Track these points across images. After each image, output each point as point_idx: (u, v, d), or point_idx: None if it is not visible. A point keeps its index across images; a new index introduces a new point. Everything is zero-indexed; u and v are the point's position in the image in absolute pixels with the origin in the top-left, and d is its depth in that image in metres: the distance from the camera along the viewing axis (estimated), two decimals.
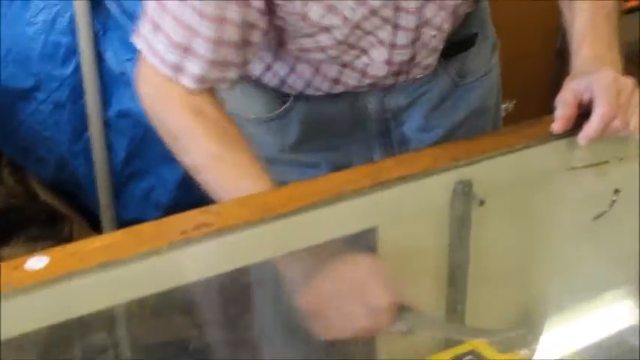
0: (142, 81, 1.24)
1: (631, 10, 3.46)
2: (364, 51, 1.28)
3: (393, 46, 1.28)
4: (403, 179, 1.17)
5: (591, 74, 1.25)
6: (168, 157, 2.31)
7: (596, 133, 1.20)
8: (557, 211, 1.29)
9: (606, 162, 1.27)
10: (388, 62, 1.30)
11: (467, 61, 1.43)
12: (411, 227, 1.20)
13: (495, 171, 1.22)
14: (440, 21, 1.29)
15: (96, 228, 2.54)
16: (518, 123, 1.30)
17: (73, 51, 2.37)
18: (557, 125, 1.21)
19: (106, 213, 2.49)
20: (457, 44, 1.40)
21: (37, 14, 2.38)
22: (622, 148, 1.28)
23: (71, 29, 2.36)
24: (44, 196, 2.56)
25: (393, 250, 1.19)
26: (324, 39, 1.25)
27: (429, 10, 1.25)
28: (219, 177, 1.20)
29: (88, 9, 2.32)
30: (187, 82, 1.19)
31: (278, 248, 1.12)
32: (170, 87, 1.21)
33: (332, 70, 1.32)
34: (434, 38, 1.30)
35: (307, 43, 1.26)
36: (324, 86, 1.34)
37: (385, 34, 1.26)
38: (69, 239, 2.56)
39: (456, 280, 1.23)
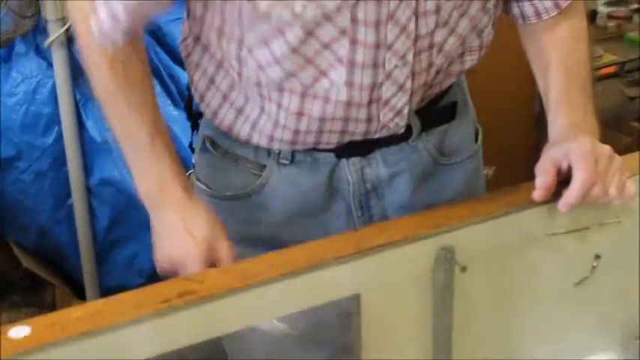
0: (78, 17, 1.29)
1: (606, 77, 3.51)
2: (323, 73, 1.25)
3: (351, 64, 1.24)
4: (385, 246, 1.17)
5: (569, 142, 1.26)
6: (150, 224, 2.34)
7: (576, 201, 1.21)
8: (538, 276, 1.29)
9: (586, 228, 1.28)
10: (349, 84, 1.25)
11: (448, 136, 1.41)
12: (394, 294, 1.20)
13: (477, 237, 1.22)
14: (403, 49, 1.24)
15: (79, 295, 2.53)
16: (498, 189, 1.31)
17: (54, 121, 2.39)
18: (538, 194, 1.23)
19: (89, 280, 2.49)
20: (435, 112, 1.38)
21: (17, 85, 2.41)
22: (602, 214, 1.28)
23: (52, 99, 2.38)
24: (26, 263, 2.55)
25: (377, 316, 1.19)
26: (278, 45, 1.23)
27: (390, 33, 1.22)
28: (111, 112, 1.29)
29: (69, 80, 2.34)
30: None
31: (260, 316, 1.12)
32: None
33: (294, 102, 1.28)
34: (397, 70, 1.26)
35: (262, 54, 1.24)
36: (289, 122, 1.30)
37: (343, 50, 1.22)
38: (52, 306, 2.55)
39: (440, 346, 1.23)
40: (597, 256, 1.30)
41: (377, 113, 1.29)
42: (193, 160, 1.47)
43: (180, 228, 1.24)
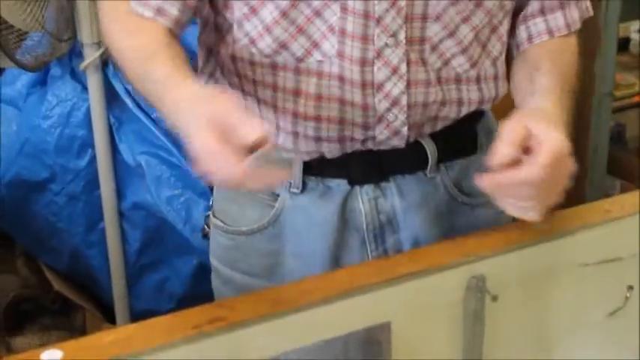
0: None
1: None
2: (315, 44, 1.26)
3: (342, 33, 1.24)
4: (416, 274, 1.17)
5: (551, 126, 1.18)
6: (182, 248, 2.36)
7: (505, 183, 1.15)
8: (570, 306, 1.28)
9: (619, 258, 1.27)
10: (340, 55, 1.26)
11: (469, 172, 1.36)
12: (424, 322, 1.19)
13: (508, 266, 1.22)
14: (394, 26, 1.25)
15: (109, 318, 2.54)
16: None
17: (88, 144, 2.41)
18: (496, 160, 1.14)
19: (119, 304, 2.50)
20: (453, 140, 1.36)
21: (52, 108, 2.42)
22: (635, 244, 1.28)
23: (86, 122, 2.39)
24: (58, 286, 2.56)
25: (407, 345, 1.18)
26: (268, 11, 1.24)
27: (379, 4, 1.23)
28: (129, 67, 1.27)
29: (104, 103, 2.36)
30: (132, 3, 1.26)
31: (291, 343, 1.12)
32: (115, 6, 1.29)
33: (289, 80, 1.29)
34: (388, 49, 1.25)
35: (252, 25, 1.26)
36: (287, 104, 1.30)
37: (334, 18, 1.24)
38: (82, 329, 2.56)
39: None
40: (630, 287, 1.29)
41: (372, 100, 1.28)
42: (211, 200, 1.47)
43: (188, 131, 1.13)
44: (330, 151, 1.32)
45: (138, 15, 1.26)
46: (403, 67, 1.27)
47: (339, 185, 1.34)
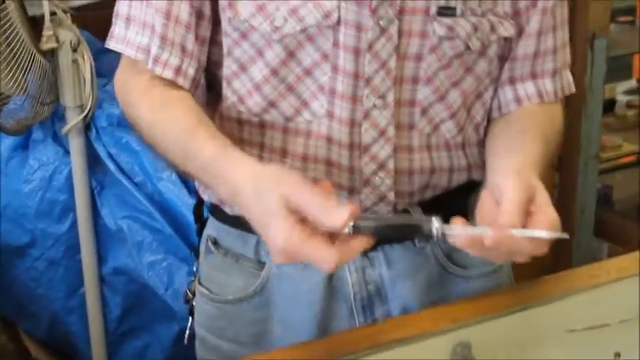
0: (117, 78, 1.33)
1: (626, 166, 3.50)
2: (305, 103, 1.25)
3: (332, 93, 1.24)
4: (402, 341, 1.15)
5: (543, 201, 1.14)
6: (163, 314, 2.33)
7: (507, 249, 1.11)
8: None
9: (606, 325, 1.26)
10: (329, 115, 1.25)
11: None
12: None
13: (494, 333, 1.20)
14: (383, 88, 1.24)
15: None
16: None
17: (69, 208, 2.40)
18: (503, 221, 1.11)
19: None
20: (442, 209, 1.25)
21: (34, 172, 2.42)
22: (622, 310, 1.26)
23: (68, 186, 2.39)
24: (36, 353, 2.53)
25: None
26: (257, 69, 1.24)
27: (369, 65, 1.22)
28: (157, 141, 1.26)
29: (85, 167, 2.35)
30: (151, 65, 1.26)
31: None
32: (136, 79, 1.28)
33: (277, 139, 1.28)
34: (377, 111, 1.25)
35: (241, 82, 1.26)
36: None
37: (325, 77, 1.23)
38: None
39: None
40: (617, 354, 1.28)
41: (359, 163, 1.27)
42: (195, 267, 1.45)
43: (260, 220, 1.10)
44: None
45: (157, 78, 1.26)
46: (391, 130, 1.27)
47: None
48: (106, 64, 2.49)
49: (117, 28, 1.30)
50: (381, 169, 1.28)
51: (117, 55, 1.32)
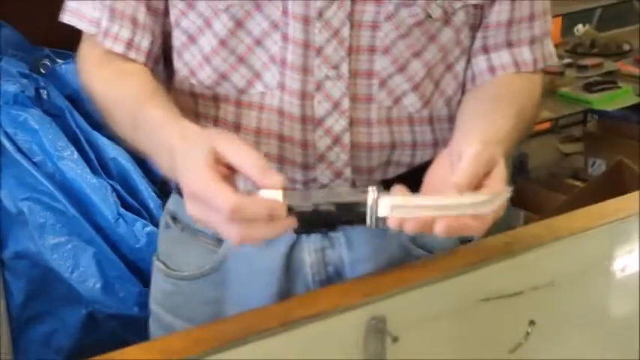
0: (78, 52, 1.31)
1: (540, 133, 3.55)
2: (257, 75, 1.22)
3: (283, 63, 1.20)
4: (313, 318, 1.13)
5: (497, 177, 1.09)
6: (69, 298, 2.28)
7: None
8: (472, 344, 1.26)
9: (520, 292, 1.25)
10: (281, 87, 1.21)
11: None
12: None
13: (408, 306, 1.18)
14: (335, 58, 1.20)
15: None
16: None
17: None
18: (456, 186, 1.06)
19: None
20: (404, 174, 1.26)
21: None
22: (535, 277, 1.26)
23: None
24: None
25: None
26: (206, 41, 1.22)
27: (319, 34, 1.18)
28: (110, 116, 1.24)
29: None
30: (101, 38, 1.25)
31: None
32: (92, 52, 1.27)
33: (230, 112, 1.25)
34: (330, 82, 1.21)
35: (191, 54, 1.24)
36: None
37: (275, 47, 1.20)
38: None
39: None
40: (531, 322, 1.27)
41: (312, 137, 1.24)
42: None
43: (183, 172, 1.07)
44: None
45: (109, 52, 1.24)
46: (346, 102, 1.22)
47: (285, 234, 1.29)
48: None
49: (70, 2, 1.28)
50: (336, 144, 1.24)
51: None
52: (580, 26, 4.23)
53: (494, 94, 1.27)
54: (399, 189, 1.06)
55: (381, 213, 1.04)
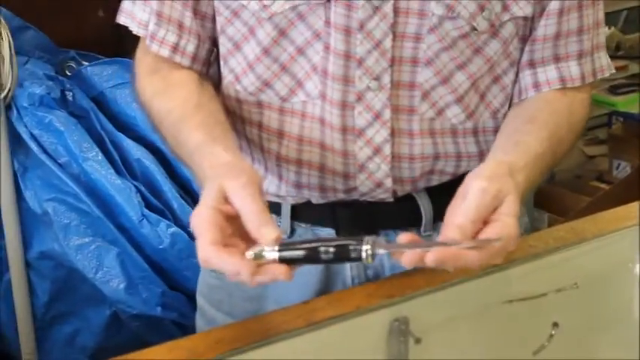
0: (136, 54, 1.33)
1: None
2: (299, 83, 1.22)
3: (324, 73, 1.20)
4: (337, 318, 1.13)
5: (514, 206, 1.06)
6: (93, 299, 2.29)
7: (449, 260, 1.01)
8: (495, 346, 1.25)
9: (544, 294, 1.24)
10: (322, 96, 1.21)
11: None
12: None
13: (432, 307, 1.18)
14: (377, 69, 1.19)
15: None
16: None
17: None
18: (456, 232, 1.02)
19: None
20: (451, 197, 1.15)
21: None
22: (559, 279, 1.25)
23: None
24: None
25: None
26: (250, 49, 1.22)
27: (360, 45, 1.18)
28: (156, 126, 1.26)
29: (7, 148, 2.29)
30: (148, 42, 1.27)
31: None
32: (144, 58, 1.30)
33: (273, 120, 1.25)
34: (371, 93, 1.20)
35: (236, 61, 1.25)
36: (272, 145, 1.26)
37: (317, 57, 1.20)
38: None
39: None
40: (555, 324, 1.27)
41: (353, 147, 1.23)
42: None
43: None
44: (314, 199, 1.28)
45: (158, 60, 1.26)
46: (387, 114, 1.22)
47: (328, 235, 1.29)
48: (25, 41, 2.43)
49: (126, 3, 1.30)
50: (376, 154, 1.24)
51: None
52: (605, 28, 4.20)
53: (528, 115, 1.25)
54: (404, 236, 1.02)
55: (377, 255, 1.01)
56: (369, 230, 1.25)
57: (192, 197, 2.41)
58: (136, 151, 2.40)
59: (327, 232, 1.29)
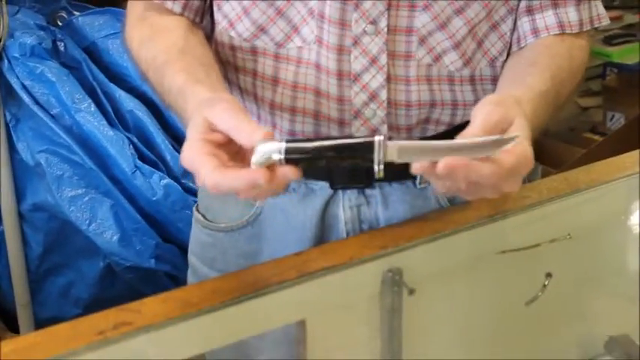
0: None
1: None
2: (295, 29, 1.21)
3: (321, 16, 1.19)
4: (330, 269, 1.13)
5: (525, 127, 1.04)
6: (87, 250, 2.30)
7: (460, 170, 0.97)
8: (488, 296, 1.26)
9: (537, 245, 1.24)
10: (319, 41, 1.20)
11: None
12: (340, 319, 1.15)
13: (425, 258, 1.18)
14: (374, 12, 1.18)
15: (12, 327, 2.46)
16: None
17: None
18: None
19: (22, 312, 2.42)
20: (444, 133, 1.22)
21: None
22: (553, 230, 1.25)
23: None
24: None
25: (322, 343, 1.14)
26: None
27: None
28: (143, 72, 1.24)
29: None
30: None
31: (202, 345, 1.07)
32: (135, 3, 1.29)
33: (268, 66, 1.24)
34: (367, 37, 1.19)
35: (231, 6, 1.23)
36: (266, 93, 1.25)
37: (314, 0, 1.19)
38: None
39: None
40: (548, 275, 1.27)
41: (349, 92, 1.22)
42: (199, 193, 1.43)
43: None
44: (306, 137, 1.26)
45: (149, 7, 1.26)
46: (383, 58, 1.21)
47: (322, 188, 1.28)
48: None
49: None
50: (372, 100, 1.23)
51: None
52: None
53: (529, 59, 1.24)
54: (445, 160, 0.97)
55: (389, 157, 0.98)
56: (363, 182, 1.26)
57: None
58: (128, 103, 2.39)
59: (320, 185, 1.28)
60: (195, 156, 0.99)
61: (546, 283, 1.27)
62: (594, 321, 1.38)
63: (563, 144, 3.41)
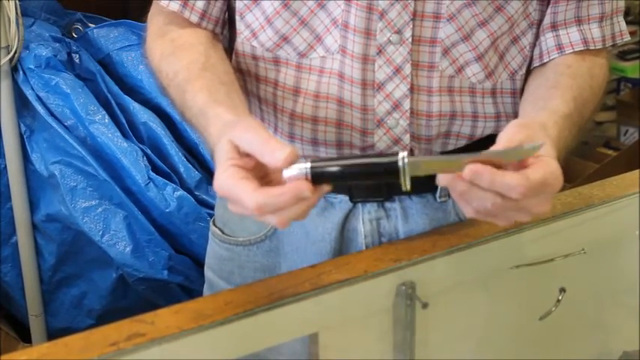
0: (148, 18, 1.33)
1: None
2: (318, 38, 1.21)
3: (345, 26, 1.19)
4: (344, 282, 1.13)
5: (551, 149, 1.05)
6: (100, 261, 2.30)
7: (485, 178, 0.97)
8: (502, 311, 1.26)
9: (551, 260, 1.24)
10: (342, 50, 1.20)
11: None
12: (353, 332, 1.15)
13: (439, 272, 1.18)
14: (399, 22, 1.18)
15: (25, 338, 2.46)
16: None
17: None
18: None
19: (35, 322, 2.42)
20: (464, 147, 1.23)
21: None
22: (567, 245, 1.25)
23: None
24: None
25: (335, 356, 1.14)
26: (269, 2, 1.21)
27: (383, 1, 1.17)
28: (163, 88, 1.25)
29: (14, 111, 2.28)
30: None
31: (215, 357, 1.06)
32: (156, 18, 1.30)
33: (290, 76, 1.24)
34: (392, 47, 1.20)
35: (254, 16, 1.24)
36: (287, 104, 1.25)
37: (338, 10, 1.19)
38: None
39: None
40: (562, 289, 1.27)
41: (372, 102, 1.22)
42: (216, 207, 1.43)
43: (215, 161, 1.06)
44: (329, 156, 1.26)
45: (169, 21, 1.26)
46: (407, 68, 1.21)
47: (342, 202, 1.28)
48: (32, 3, 2.42)
49: None
50: (395, 110, 1.23)
51: None
52: None
53: (551, 80, 1.24)
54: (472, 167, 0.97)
55: (414, 173, 0.99)
56: (383, 196, 1.26)
57: (198, 161, 2.42)
58: (142, 114, 2.40)
59: (340, 198, 1.28)
60: (231, 182, 0.99)
61: (560, 297, 1.27)
62: (608, 336, 1.37)
63: (576, 158, 3.40)
